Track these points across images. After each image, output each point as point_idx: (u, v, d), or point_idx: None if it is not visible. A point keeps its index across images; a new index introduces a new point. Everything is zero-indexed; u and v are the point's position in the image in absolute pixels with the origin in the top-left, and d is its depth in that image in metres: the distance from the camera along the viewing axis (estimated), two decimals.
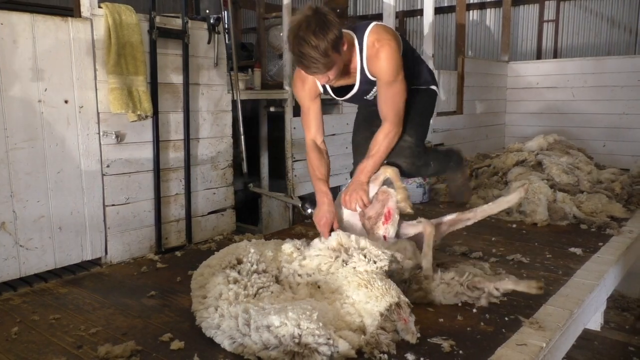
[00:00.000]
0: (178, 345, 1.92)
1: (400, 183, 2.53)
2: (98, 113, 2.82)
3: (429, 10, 5.20)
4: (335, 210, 2.49)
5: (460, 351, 1.85)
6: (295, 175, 3.99)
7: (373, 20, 2.49)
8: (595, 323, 2.99)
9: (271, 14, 4.80)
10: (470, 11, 8.91)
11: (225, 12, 3.41)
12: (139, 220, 3.07)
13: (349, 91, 2.56)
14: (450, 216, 2.63)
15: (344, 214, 2.58)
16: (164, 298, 2.43)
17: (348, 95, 2.59)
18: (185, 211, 3.30)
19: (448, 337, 1.94)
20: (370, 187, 2.51)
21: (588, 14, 7.92)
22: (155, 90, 3.03)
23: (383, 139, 2.49)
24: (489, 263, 2.74)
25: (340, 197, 2.59)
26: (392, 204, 2.45)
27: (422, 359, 1.79)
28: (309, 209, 2.48)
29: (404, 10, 9.40)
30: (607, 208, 3.73)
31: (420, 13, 7.75)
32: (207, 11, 3.44)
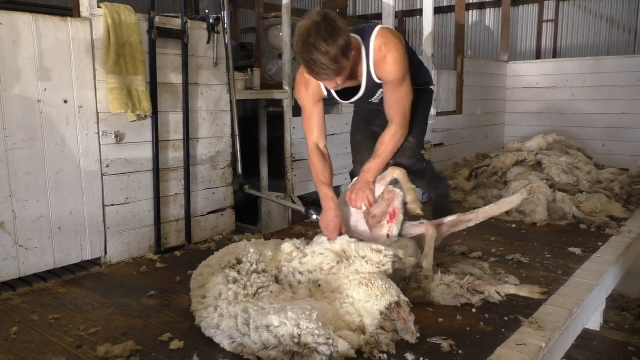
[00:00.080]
0: (178, 345, 1.93)
1: (410, 184, 2.54)
2: (97, 113, 2.82)
3: (428, 10, 5.20)
4: (342, 214, 2.47)
5: (460, 351, 1.85)
6: (295, 175, 3.99)
7: (377, 23, 2.49)
8: (594, 323, 3.00)
9: (270, 14, 4.79)
10: (470, 11, 8.91)
11: (224, 12, 3.40)
12: (139, 220, 3.07)
13: (354, 94, 2.55)
14: (451, 217, 2.63)
15: (349, 211, 2.58)
16: (163, 298, 2.43)
17: (354, 99, 2.59)
18: (184, 211, 3.30)
19: (448, 337, 1.94)
20: (376, 187, 2.53)
21: (587, 13, 7.92)
22: (155, 90, 3.03)
23: (390, 140, 2.50)
24: (489, 263, 2.75)
25: (345, 195, 2.59)
26: (398, 203, 2.46)
27: (422, 358, 1.79)
28: (314, 215, 2.45)
29: (404, 10, 9.40)
30: (607, 208, 3.73)
31: (419, 13, 7.75)
32: (207, 11, 3.43)
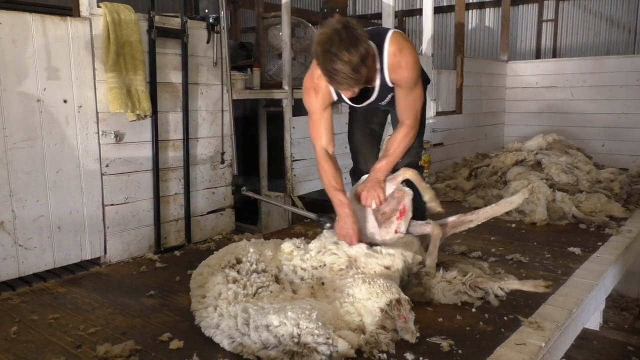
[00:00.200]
0: (177, 344, 1.92)
1: (425, 184, 2.60)
2: (97, 112, 2.82)
3: (428, 10, 5.20)
4: (358, 221, 2.46)
5: (460, 351, 1.85)
6: (295, 175, 3.99)
7: (387, 28, 2.50)
8: (594, 322, 3.00)
9: (270, 14, 4.79)
10: (470, 11, 8.91)
11: (222, 12, 3.40)
12: (138, 220, 3.07)
13: (366, 98, 2.55)
14: (452, 218, 2.64)
15: (356, 208, 2.60)
16: (163, 297, 2.43)
17: (365, 103, 2.59)
18: (184, 211, 3.30)
19: (447, 337, 1.94)
20: (387, 186, 2.56)
21: (587, 13, 7.92)
22: (154, 89, 3.03)
23: (402, 140, 2.54)
24: (488, 262, 2.74)
25: (353, 191, 2.62)
26: (408, 201, 2.50)
27: (422, 358, 1.79)
28: (327, 224, 2.45)
29: (403, 9, 9.40)
30: (606, 207, 3.73)
31: (419, 13, 7.74)
32: (206, 10, 3.42)
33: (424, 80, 2.77)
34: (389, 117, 2.89)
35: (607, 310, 3.48)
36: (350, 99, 2.56)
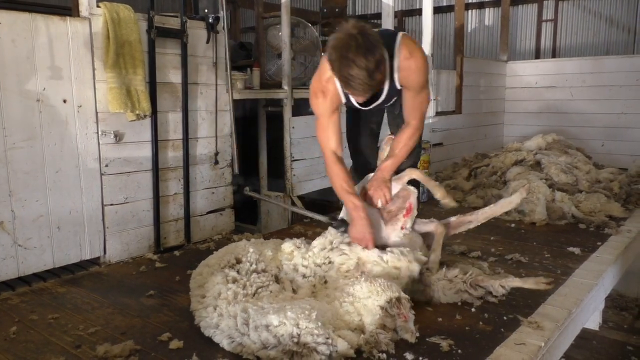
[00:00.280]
0: (177, 344, 1.93)
1: (433, 182, 2.65)
2: (97, 112, 2.82)
3: (427, 9, 5.20)
4: (373, 224, 2.46)
5: (459, 350, 1.85)
6: (294, 175, 3.99)
7: (394, 30, 2.53)
8: (593, 322, 2.99)
9: (270, 14, 4.79)
10: (469, 11, 8.91)
11: (222, 12, 3.40)
12: (138, 220, 3.07)
13: (373, 101, 2.55)
14: (452, 219, 2.65)
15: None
16: (162, 297, 2.43)
17: (373, 105, 2.60)
18: (184, 211, 3.30)
19: (447, 337, 1.94)
20: (393, 185, 2.59)
21: (587, 13, 7.92)
22: (154, 89, 3.03)
23: (408, 141, 2.57)
24: (488, 262, 2.75)
25: (358, 190, 2.62)
26: (414, 200, 2.53)
27: (421, 358, 1.79)
28: (342, 228, 2.45)
29: (403, 9, 9.39)
30: (606, 207, 3.73)
31: (419, 13, 7.73)
32: (206, 10, 3.43)
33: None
34: (386, 116, 2.91)
35: (607, 310, 3.47)
36: (359, 102, 2.57)
